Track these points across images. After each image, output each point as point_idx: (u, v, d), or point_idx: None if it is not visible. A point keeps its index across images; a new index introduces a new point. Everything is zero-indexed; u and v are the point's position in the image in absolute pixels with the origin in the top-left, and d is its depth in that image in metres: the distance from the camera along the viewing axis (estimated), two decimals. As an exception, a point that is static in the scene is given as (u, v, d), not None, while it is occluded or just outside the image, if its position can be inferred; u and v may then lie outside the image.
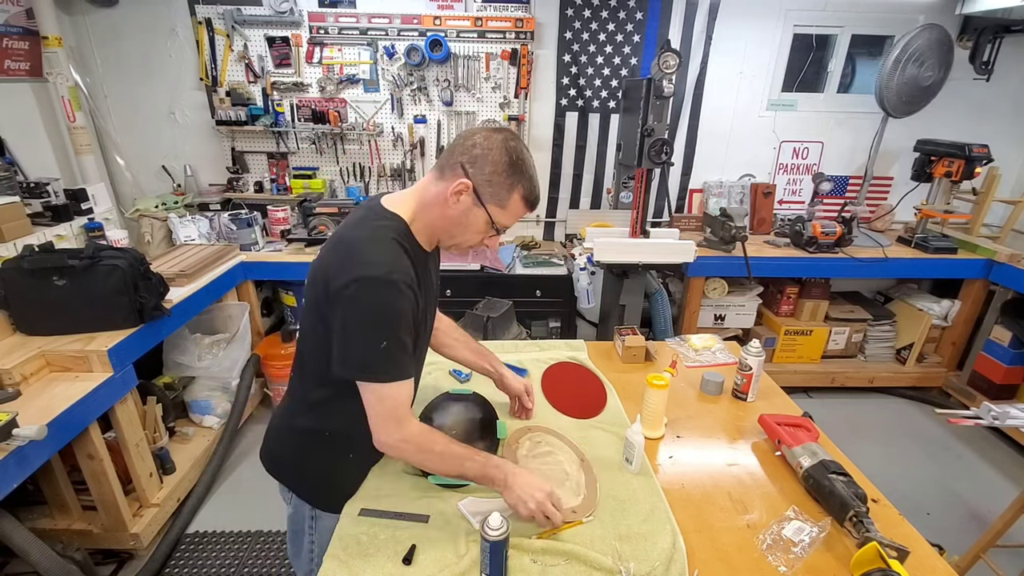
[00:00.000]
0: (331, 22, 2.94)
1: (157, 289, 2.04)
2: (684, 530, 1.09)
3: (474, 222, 1.03)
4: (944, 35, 2.86)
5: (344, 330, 0.96)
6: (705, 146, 3.36)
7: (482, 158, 0.98)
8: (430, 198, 1.03)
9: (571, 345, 1.89)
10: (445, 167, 1.01)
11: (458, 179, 0.98)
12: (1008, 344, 2.84)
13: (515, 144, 1.00)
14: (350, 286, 0.92)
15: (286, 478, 1.21)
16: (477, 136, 1.00)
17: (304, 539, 1.24)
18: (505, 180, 0.99)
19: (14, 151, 2.62)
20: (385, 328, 0.95)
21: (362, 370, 0.97)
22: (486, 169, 0.98)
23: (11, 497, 1.48)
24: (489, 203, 1.01)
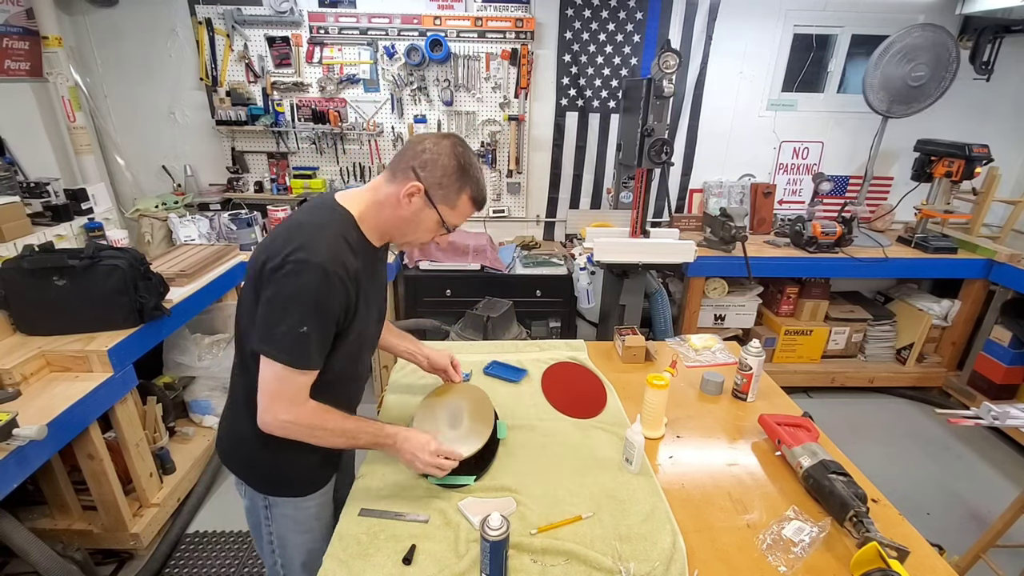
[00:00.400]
0: (331, 22, 2.94)
1: (157, 289, 2.03)
2: (684, 530, 1.10)
3: (425, 221, 1.08)
4: (940, 36, 2.86)
5: (270, 306, 0.97)
6: (705, 146, 3.37)
7: (432, 162, 1.03)
8: (382, 198, 1.07)
9: (571, 345, 1.89)
10: (396, 170, 1.06)
11: (410, 182, 1.03)
12: (1008, 344, 2.84)
13: (462, 149, 1.06)
14: (286, 265, 0.95)
15: (237, 468, 1.21)
16: (427, 142, 1.05)
17: (263, 530, 1.25)
18: (454, 183, 1.05)
19: (14, 151, 2.62)
20: (309, 313, 0.97)
21: (275, 348, 0.98)
22: (436, 173, 1.04)
23: (11, 497, 1.48)
24: (440, 204, 1.06)
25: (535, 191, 3.41)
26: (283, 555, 1.26)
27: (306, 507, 1.21)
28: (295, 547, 1.25)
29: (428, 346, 1.52)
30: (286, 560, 1.26)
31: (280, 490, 1.19)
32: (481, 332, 2.61)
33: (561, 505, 1.16)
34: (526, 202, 3.42)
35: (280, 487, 1.19)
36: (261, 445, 1.12)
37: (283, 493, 1.19)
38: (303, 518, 1.22)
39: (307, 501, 1.21)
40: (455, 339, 2.68)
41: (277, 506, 1.20)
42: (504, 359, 1.78)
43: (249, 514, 1.27)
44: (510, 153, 3.24)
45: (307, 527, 1.23)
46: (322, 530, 1.26)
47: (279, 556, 1.26)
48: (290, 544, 1.24)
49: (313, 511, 1.23)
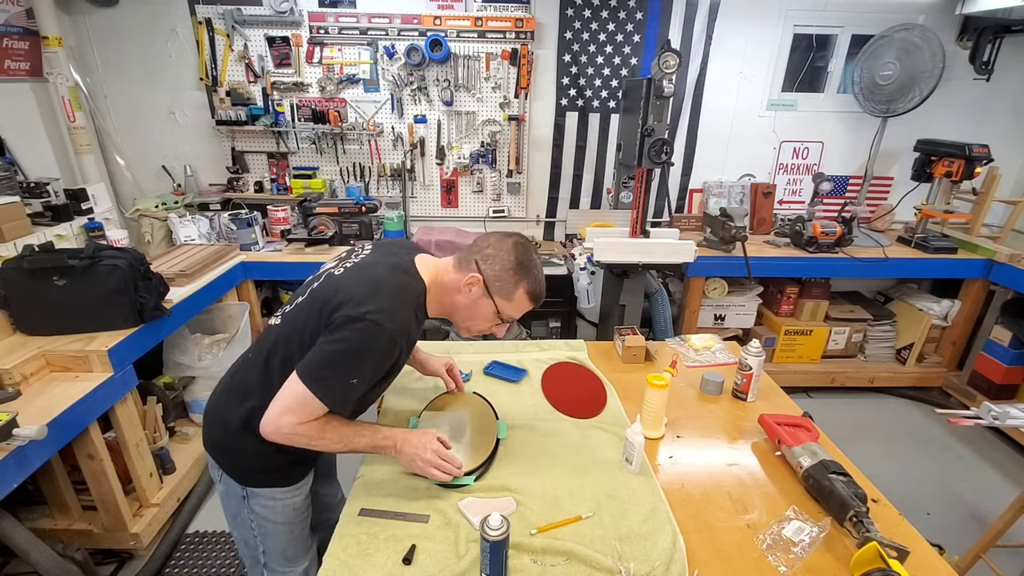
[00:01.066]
0: (331, 22, 2.94)
1: (157, 289, 2.04)
2: (684, 530, 1.10)
3: (482, 311, 1.18)
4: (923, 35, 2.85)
5: (333, 350, 1.03)
6: (705, 146, 3.36)
7: (493, 257, 1.14)
8: (447, 283, 1.17)
9: (571, 345, 1.89)
10: (462, 261, 1.17)
11: (471, 272, 1.14)
12: (1008, 344, 2.84)
13: (523, 249, 1.16)
14: (363, 321, 1.01)
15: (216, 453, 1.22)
16: (492, 238, 1.17)
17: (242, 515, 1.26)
18: (511, 277, 1.14)
19: (14, 151, 2.62)
20: (363, 370, 1.05)
21: (318, 381, 1.02)
22: (496, 267, 1.14)
23: (11, 497, 1.48)
24: (496, 295, 1.16)
25: (535, 191, 3.41)
26: (264, 542, 1.28)
27: (283, 498, 1.24)
28: (275, 536, 1.27)
29: (425, 351, 1.53)
30: (268, 547, 1.29)
31: (255, 481, 1.21)
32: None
33: (561, 505, 1.16)
34: (526, 202, 3.42)
35: (255, 479, 1.21)
36: (244, 437, 1.14)
37: (258, 484, 1.21)
38: (281, 508, 1.24)
39: (283, 492, 1.23)
40: (455, 339, 2.68)
41: (254, 496, 1.22)
42: (504, 359, 1.78)
43: (225, 499, 1.28)
44: (510, 153, 3.24)
45: (286, 517, 1.26)
46: (301, 521, 1.30)
47: (260, 542, 1.29)
48: (270, 532, 1.27)
49: (291, 502, 1.25)
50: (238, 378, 1.21)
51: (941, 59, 2.83)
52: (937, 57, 2.83)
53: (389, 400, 1.55)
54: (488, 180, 3.32)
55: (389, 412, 1.50)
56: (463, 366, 1.71)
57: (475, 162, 3.26)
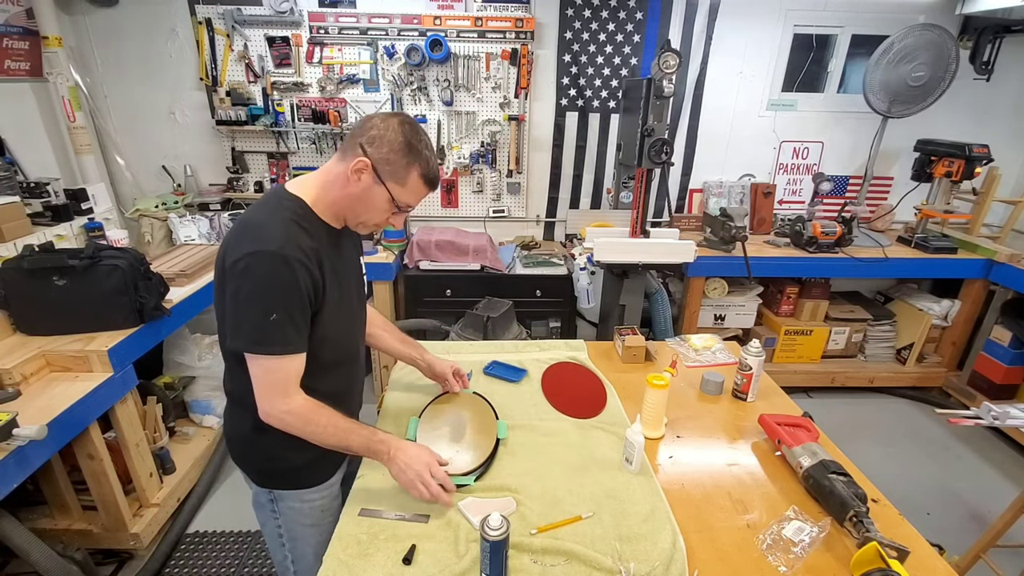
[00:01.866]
0: (331, 22, 2.94)
1: (157, 289, 2.04)
2: (684, 530, 1.10)
3: (376, 200, 1.07)
4: (939, 36, 2.85)
5: (235, 303, 0.99)
6: (705, 146, 3.36)
7: (379, 139, 1.03)
8: (332, 178, 1.08)
9: (571, 345, 1.89)
10: (346, 149, 1.06)
11: (357, 158, 1.03)
12: (1008, 344, 2.84)
13: (412, 127, 1.06)
14: (241, 260, 0.96)
15: (239, 463, 1.23)
16: (375, 119, 1.06)
17: (270, 525, 1.25)
18: (402, 159, 1.04)
19: (14, 151, 2.62)
20: (274, 301, 0.98)
21: (251, 343, 1.00)
22: (383, 149, 1.03)
23: (11, 497, 1.48)
24: (388, 180, 1.05)
25: (535, 191, 3.41)
26: (293, 549, 1.27)
27: (311, 499, 1.22)
28: (304, 540, 1.25)
29: (432, 352, 1.52)
30: (297, 555, 1.27)
31: (279, 484, 1.20)
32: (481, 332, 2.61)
33: (561, 505, 1.16)
34: (526, 202, 3.42)
35: (277, 481, 1.20)
36: (257, 440, 1.13)
37: (283, 487, 1.20)
38: (309, 510, 1.22)
39: (311, 494, 1.21)
40: (455, 339, 2.67)
41: (282, 499, 1.21)
42: (504, 359, 1.78)
43: (256, 507, 1.27)
44: (510, 153, 3.24)
45: (314, 520, 1.24)
46: (332, 524, 1.24)
47: (289, 551, 1.27)
48: (299, 537, 1.25)
49: (319, 504, 1.23)
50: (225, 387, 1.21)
51: (956, 59, 2.84)
52: (952, 58, 2.85)
53: (390, 399, 1.56)
54: (488, 180, 3.32)
55: (390, 411, 1.50)
56: (463, 366, 1.71)
57: (475, 162, 3.26)
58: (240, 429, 1.17)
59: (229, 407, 1.21)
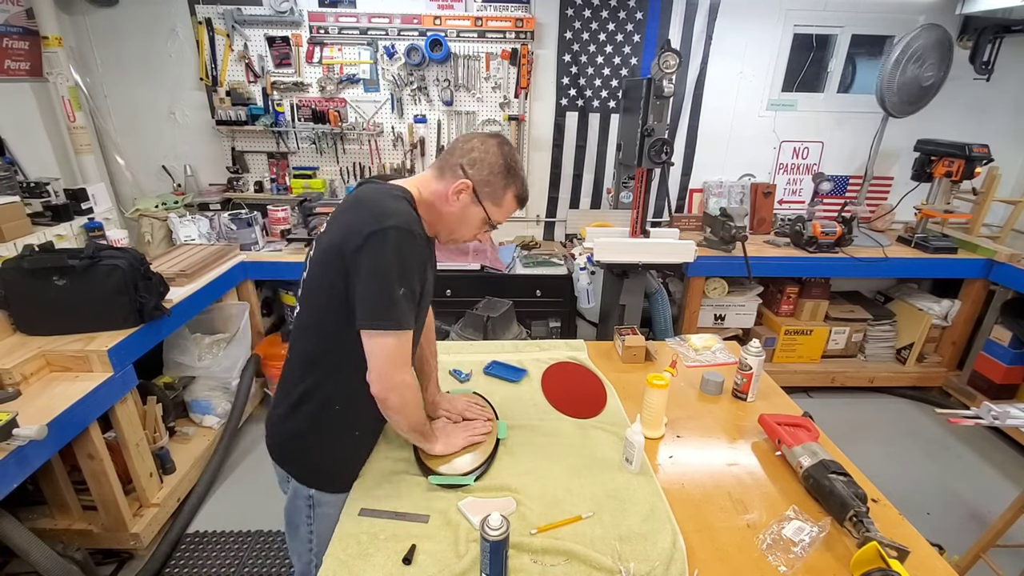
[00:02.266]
0: (331, 22, 2.94)
1: (157, 289, 2.04)
2: (684, 530, 1.09)
3: (471, 218, 1.12)
4: (944, 35, 2.86)
5: (367, 282, 0.99)
6: (705, 146, 3.36)
7: (480, 161, 1.08)
8: (429, 195, 1.11)
9: (571, 345, 1.89)
10: (445, 168, 1.10)
11: (459, 179, 1.07)
12: (1008, 344, 2.84)
13: (509, 149, 1.11)
14: (376, 234, 0.97)
15: (287, 462, 1.22)
16: (475, 141, 1.09)
17: (302, 529, 1.25)
18: (500, 180, 1.09)
19: (14, 151, 2.62)
20: (402, 273, 1.00)
21: (378, 316, 1.00)
22: (484, 171, 1.08)
23: (11, 497, 1.48)
24: (486, 201, 1.10)
25: (535, 191, 3.41)
26: (319, 553, 1.26)
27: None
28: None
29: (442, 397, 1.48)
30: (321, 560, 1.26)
31: (325, 483, 1.20)
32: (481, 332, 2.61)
33: (561, 505, 1.16)
34: (526, 202, 3.42)
35: (326, 479, 1.20)
36: (314, 439, 1.16)
37: (327, 487, 1.20)
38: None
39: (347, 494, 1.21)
40: (455, 339, 2.67)
41: (320, 505, 1.21)
42: (504, 359, 1.78)
43: (289, 512, 1.27)
44: (510, 153, 3.23)
45: None
46: None
47: (315, 555, 1.26)
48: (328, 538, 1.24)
49: None
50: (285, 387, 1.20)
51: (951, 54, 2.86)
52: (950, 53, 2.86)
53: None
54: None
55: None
56: (463, 366, 1.72)
57: (475, 162, 3.26)
58: (298, 427, 1.17)
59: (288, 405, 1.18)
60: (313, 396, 1.14)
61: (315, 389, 1.13)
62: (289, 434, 1.20)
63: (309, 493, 1.21)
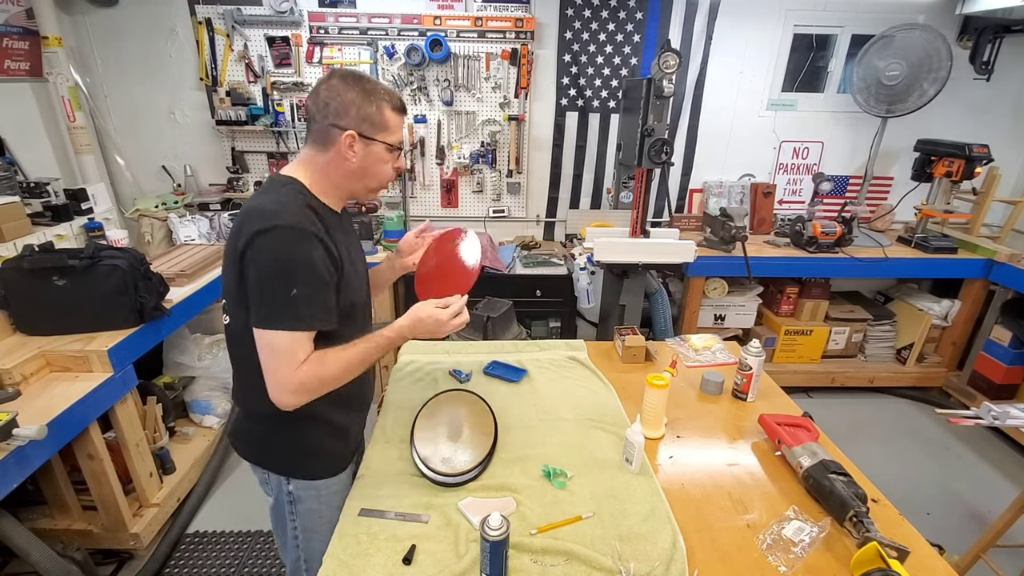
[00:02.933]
0: (331, 22, 2.94)
1: (157, 289, 2.04)
2: (684, 530, 1.10)
3: (376, 158, 1.09)
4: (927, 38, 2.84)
5: (257, 284, 0.98)
6: (705, 146, 3.36)
7: (341, 106, 1.03)
8: (323, 165, 1.08)
9: (571, 345, 1.89)
10: (319, 136, 1.06)
11: (341, 135, 1.04)
12: (1008, 344, 2.84)
13: (348, 75, 1.06)
14: (259, 236, 0.96)
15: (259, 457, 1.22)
16: (321, 93, 1.05)
17: (287, 526, 1.26)
18: (370, 107, 1.05)
19: (14, 151, 2.62)
20: (297, 274, 0.98)
21: (271, 317, 0.98)
22: (351, 111, 1.04)
23: (11, 497, 1.48)
24: (376, 135, 1.07)
25: (535, 191, 3.41)
26: (307, 549, 1.27)
27: (328, 498, 1.23)
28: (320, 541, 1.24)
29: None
30: (310, 554, 1.28)
31: (302, 471, 1.20)
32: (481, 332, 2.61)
33: (561, 505, 1.16)
34: (526, 202, 3.42)
35: (302, 467, 1.20)
36: (277, 423, 1.14)
37: (305, 475, 1.20)
38: (326, 510, 1.23)
39: (329, 487, 1.22)
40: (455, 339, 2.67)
41: (301, 501, 1.21)
42: (504, 359, 1.78)
43: (274, 512, 1.28)
44: (510, 153, 3.24)
45: (330, 518, 1.23)
46: None
47: (303, 551, 1.28)
48: (314, 538, 1.26)
49: (335, 501, 1.23)
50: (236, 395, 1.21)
51: (948, 59, 2.83)
52: (944, 57, 2.84)
53: (390, 397, 1.56)
54: (488, 180, 3.32)
55: (390, 409, 1.50)
56: (463, 366, 1.71)
57: (475, 162, 3.26)
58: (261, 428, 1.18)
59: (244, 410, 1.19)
60: (263, 400, 1.05)
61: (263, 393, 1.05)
62: (255, 435, 1.20)
63: (289, 489, 1.21)
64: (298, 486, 1.20)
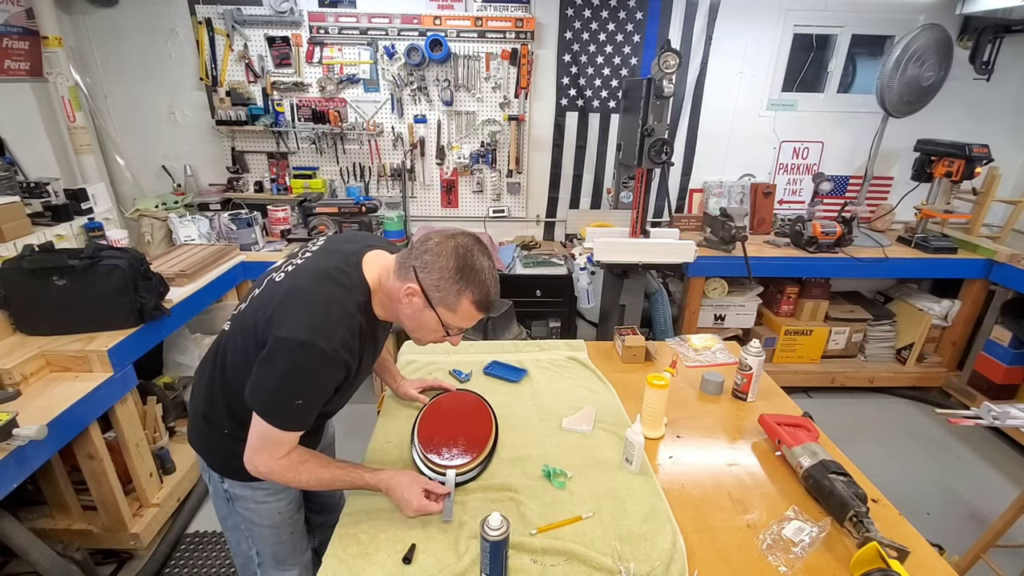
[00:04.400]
0: (331, 22, 2.94)
1: (157, 289, 2.03)
2: (684, 530, 1.10)
3: (427, 322, 1.06)
4: (944, 34, 2.86)
5: (270, 371, 0.97)
6: (705, 146, 3.36)
7: (431, 265, 1.00)
8: (388, 289, 1.06)
9: (571, 345, 1.89)
10: (403, 266, 1.04)
11: (408, 283, 1.01)
12: (1008, 344, 2.84)
13: (467, 250, 1.01)
14: (291, 342, 0.95)
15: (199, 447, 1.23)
16: (432, 241, 1.02)
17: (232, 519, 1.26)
18: (453, 286, 1.00)
19: (14, 151, 2.62)
20: (307, 391, 0.99)
21: (267, 412, 1.00)
22: (434, 275, 1.00)
23: (11, 497, 1.48)
24: (438, 307, 1.03)
25: (535, 191, 3.41)
26: (255, 543, 1.28)
27: (265, 501, 1.22)
28: (264, 538, 1.27)
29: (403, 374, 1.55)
30: (260, 548, 1.29)
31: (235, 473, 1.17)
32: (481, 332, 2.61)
33: (561, 505, 1.16)
34: (526, 202, 3.42)
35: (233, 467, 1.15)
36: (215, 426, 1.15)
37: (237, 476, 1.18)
38: (265, 511, 1.23)
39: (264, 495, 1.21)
40: (455, 339, 2.67)
41: (238, 500, 1.22)
42: (504, 359, 1.78)
43: (215, 500, 1.28)
44: (510, 153, 3.24)
45: (271, 520, 1.25)
46: (289, 525, 1.28)
47: (253, 544, 1.28)
48: (258, 535, 1.26)
49: (275, 506, 1.23)
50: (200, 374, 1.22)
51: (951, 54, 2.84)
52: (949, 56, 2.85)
53: (389, 399, 1.56)
54: (488, 180, 3.32)
55: (389, 411, 1.50)
56: (463, 366, 1.72)
57: (475, 162, 3.26)
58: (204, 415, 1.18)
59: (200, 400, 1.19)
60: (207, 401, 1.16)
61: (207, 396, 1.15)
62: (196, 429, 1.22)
63: (224, 487, 1.21)
64: (232, 485, 1.20)
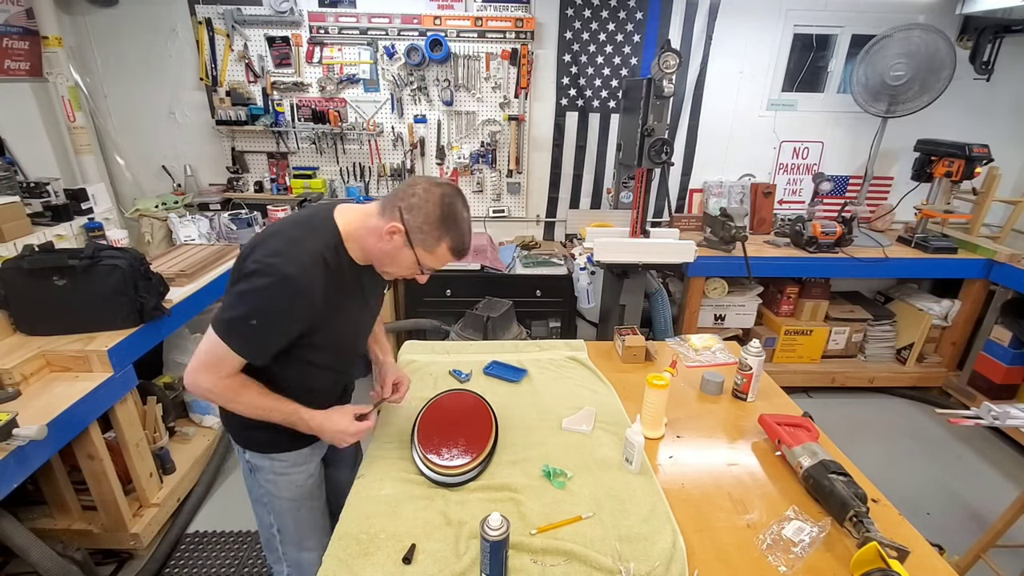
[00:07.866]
0: (331, 22, 2.94)
1: (157, 289, 2.03)
2: (684, 530, 1.10)
3: (403, 260, 1.13)
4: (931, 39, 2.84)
5: (235, 295, 1.04)
6: (705, 146, 3.36)
7: (418, 208, 1.07)
8: (371, 227, 1.12)
9: (571, 345, 1.89)
10: (387, 206, 1.11)
11: (393, 221, 1.08)
12: (1008, 344, 2.84)
13: (451, 200, 1.09)
14: (259, 265, 1.02)
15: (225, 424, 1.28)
16: (419, 185, 1.09)
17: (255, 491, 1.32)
18: (434, 230, 1.08)
19: (14, 151, 2.62)
20: (261, 312, 1.04)
21: (220, 327, 1.05)
22: (419, 218, 1.07)
23: (11, 497, 1.48)
24: (418, 247, 1.10)
25: (535, 191, 3.41)
26: (277, 519, 1.33)
27: (283, 472, 1.27)
28: (282, 512, 1.32)
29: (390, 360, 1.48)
30: (281, 525, 1.33)
31: (253, 443, 1.26)
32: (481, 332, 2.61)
33: (561, 505, 1.16)
34: (526, 202, 3.42)
35: (253, 439, 1.26)
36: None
37: (255, 447, 1.26)
38: (284, 484, 1.28)
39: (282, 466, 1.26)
40: (455, 339, 2.68)
41: (259, 470, 1.27)
42: (504, 359, 1.78)
43: (244, 475, 1.34)
44: (510, 153, 3.24)
45: (292, 494, 1.30)
46: (308, 501, 1.33)
47: (275, 519, 1.33)
48: (278, 509, 1.31)
49: (293, 478, 1.28)
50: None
51: (952, 59, 2.83)
52: (948, 57, 2.84)
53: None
54: (488, 180, 3.32)
55: (391, 408, 1.50)
56: (463, 366, 1.72)
57: (475, 162, 3.26)
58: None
59: None
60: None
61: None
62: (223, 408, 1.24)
63: (246, 457, 1.28)
64: (253, 456, 1.27)
